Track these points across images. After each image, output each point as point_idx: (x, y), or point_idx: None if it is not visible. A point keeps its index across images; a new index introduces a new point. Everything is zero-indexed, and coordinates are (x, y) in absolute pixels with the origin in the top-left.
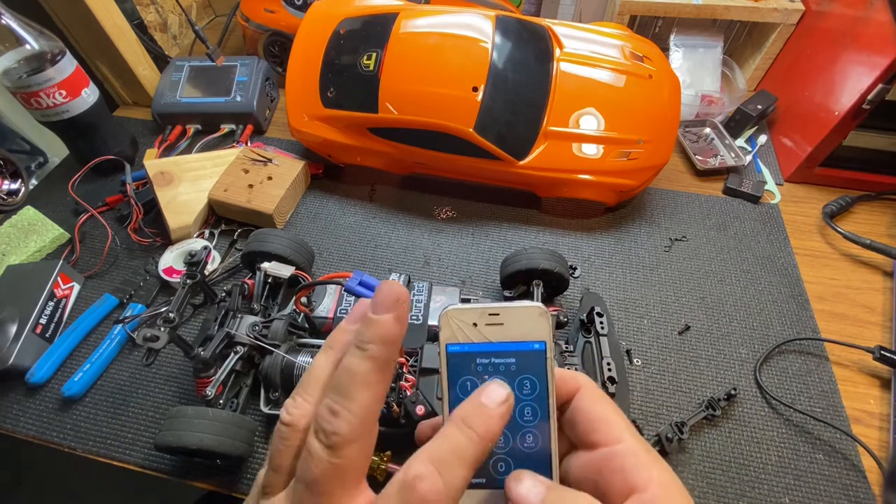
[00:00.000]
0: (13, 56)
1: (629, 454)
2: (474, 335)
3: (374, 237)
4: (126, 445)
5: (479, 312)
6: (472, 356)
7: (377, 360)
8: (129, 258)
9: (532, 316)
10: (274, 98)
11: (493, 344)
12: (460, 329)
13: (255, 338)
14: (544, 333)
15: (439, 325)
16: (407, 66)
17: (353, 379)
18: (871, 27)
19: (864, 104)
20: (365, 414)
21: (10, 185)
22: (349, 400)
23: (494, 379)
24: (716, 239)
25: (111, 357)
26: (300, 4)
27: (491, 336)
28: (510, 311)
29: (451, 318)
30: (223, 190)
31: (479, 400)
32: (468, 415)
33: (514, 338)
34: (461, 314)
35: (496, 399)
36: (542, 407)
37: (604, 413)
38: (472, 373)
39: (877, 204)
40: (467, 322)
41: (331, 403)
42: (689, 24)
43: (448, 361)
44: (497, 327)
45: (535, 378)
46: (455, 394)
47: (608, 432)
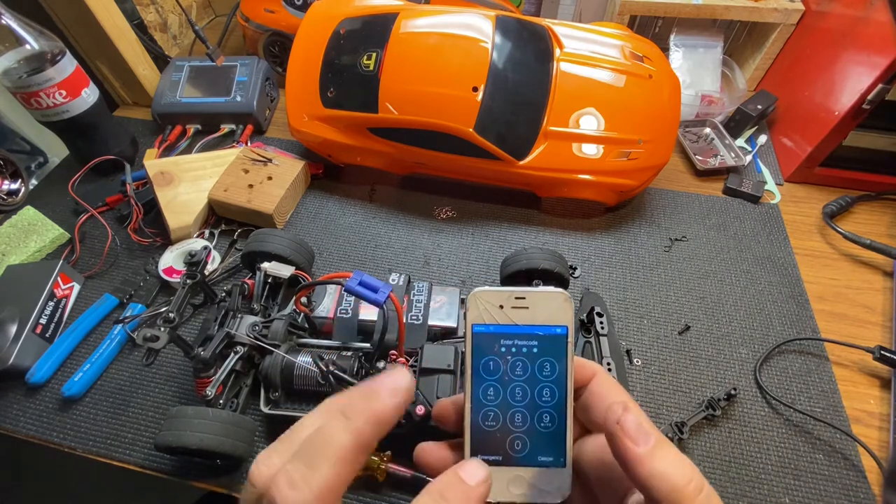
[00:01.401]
0: (13, 56)
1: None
2: (500, 317)
3: (374, 237)
4: (126, 445)
5: (507, 295)
6: (497, 337)
7: (359, 436)
8: (129, 258)
9: (556, 301)
10: (274, 98)
11: (518, 326)
12: (487, 311)
13: (255, 338)
14: (567, 319)
15: (467, 306)
16: (407, 66)
17: (327, 448)
18: (871, 27)
19: (864, 104)
20: (326, 494)
21: (10, 185)
22: (313, 471)
23: (474, 459)
24: (716, 239)
25: (111, 357)
26: (300, 4)
27: (516, 318)
28: (536, 296)
29: (478, 300)
30: (223, 190)
31: (458, 475)
32: (446, 489)
33: (538, 321)
34: (489, 296)
35: (476, 478)
36: (560, 389)
37: (612, 399)
38: (496, 353)
39: (877, 204)
40: (494, 304)
41: (292, 471)
42: (689, 24)
43: (473, 341)
44: (522, 311)
45: (556, 361)
46: (478, 373)
47: None
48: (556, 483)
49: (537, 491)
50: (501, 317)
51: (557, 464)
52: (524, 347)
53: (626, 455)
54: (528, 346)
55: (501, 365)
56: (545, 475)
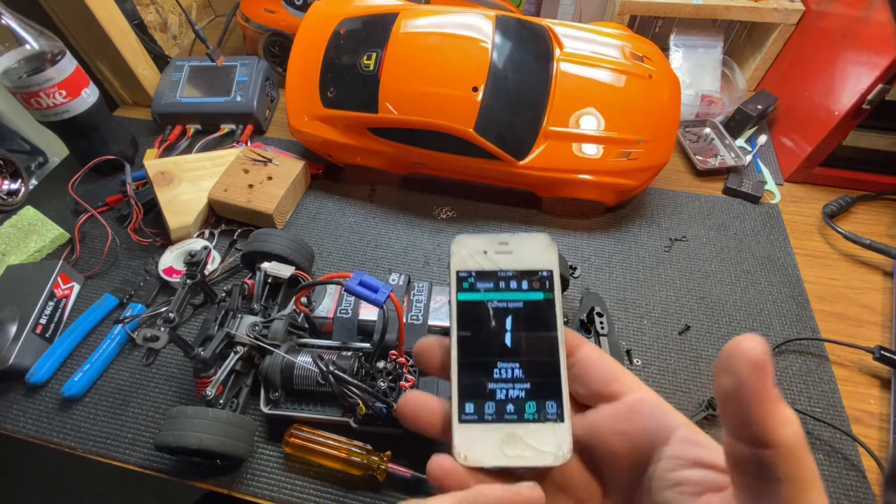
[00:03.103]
0: (13, 56)
1: (654, 398)
2: (484, 262)
3: (374, 237)
4: (126, 445)
5: (490, 241)
6: (482, 283)
7: None
8: (129, 258)
9: (540, 245)
10: (274, 98)
11: (503, 271)
12: (471, 256)
13: (255, 338)
14: (551, 261)
15: (450, 252)
16: (407, 66)
17: None
18: (871, 27)
19: (864, 104)
20: None
21: (10, 185)
22: None
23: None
24: (716, 239)
25: (111, 357)
26: (300, 4)
27: (501, 263)
28: (519, 240)
29: (462, 246)
30: (223, 190)
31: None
32: None
33: (523, 265)
34: (472, 242)
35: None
36: (550, 335)
37: (616, 365)
38: (481, 300)
39: (877, 204)
40: (478, 249)
41: None
42: (689, 24)
43: (457, 288)
44: (506, 255)
45: (543, 305)
46: (463, 321)
47: (627, 382)
48: (555, 442)
49: (534, 452)
50: (486, 262)
51: (555, 418)
52: (510, 293)
53: (765, 394)
54: (513, 291)
55: (487, 312)
56: (542, 432)
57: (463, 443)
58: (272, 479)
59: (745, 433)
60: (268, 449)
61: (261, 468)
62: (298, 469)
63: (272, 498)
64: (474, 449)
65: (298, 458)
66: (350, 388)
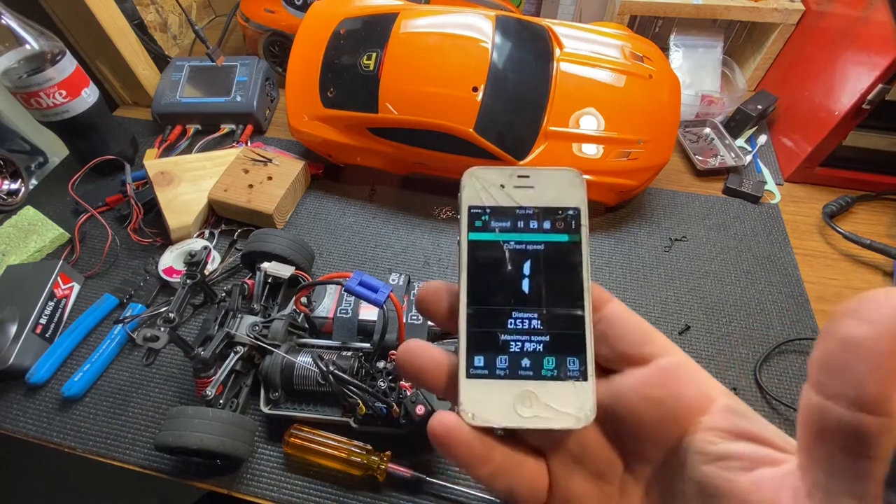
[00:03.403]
0: (13, 56)
1: (690, 364)
2: (500, 197)
3: (374, 237)
4: (126, 445)
5: (508, 174)
6: (498, 220)
7: None
8: (129, 258)
9: (566, 179)
10: (274, 98)
11: (522, 208)
12: (485, 189)
13: (255, 338)
14: (579, 199)
15: (461, 185)
16: (407, 66)
17: None
18: (871, 27)
19: (864, 104)
20: None
21: (10, 185)
22: None
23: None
24: (716, 239)
25: (111, 357)
26: (300, 4)
27: (519, 199)
28: (542, 174)
29: (476, 178)
30: (223, 190)
31: None
32: None
33: (546, 202)
34: (488, 174)
35: None
36: (575, 282)
37: (647, 325)
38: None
39: (877, 204)
40: (494, 183)
41: None
42: (689, 24)
43: (469, 226)
44: (526, 190)
45: (568, 249)
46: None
47: (660, 344)
48: (577, 402)
49: (552, 412)
50: (502, 197)
51: (577, 376)
52: (530, 233)
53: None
54: (534, 231)
55: (503, 254)
56: (562, 391)
57: (470, 400)
58: (272, 479)
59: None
60: (268, 449)
61: (261, 468)
62: (298, 469)
63: (272, 498)
64: (483, 407)
65: (298, 458)
66: (350, 388)
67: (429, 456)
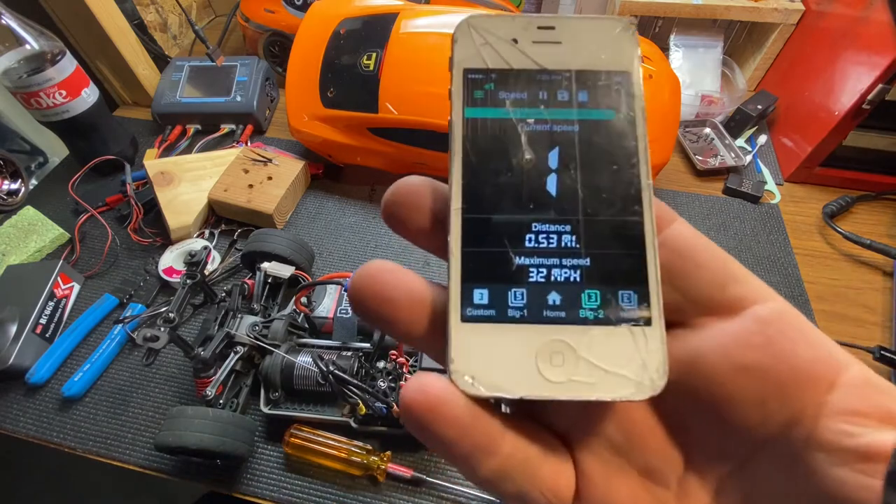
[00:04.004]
0: (13, 56)
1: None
2: (513, 57)
3: (374, 237)
4: (126, 445)
5: (523, 23)
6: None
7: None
8: (129, 258)
9: (608, 32)
10: (274, 98)
11: (545, 72)
12: (490, 47)
13: (255, 338)
14: (629, 60)
15: (454, 39)
16: (407, 66)
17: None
18: (871, 27)
19: (864, 104)
20: None
21: (10, 185)
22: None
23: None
24: (716, 239)
25: (111, 357)
26: (300, 4)
27: (541, 59)
28: (574, 24)
29: (476, 30)
30: (223, 190)
31: None
32: None
33: (580, 64)
34: (493, 23)
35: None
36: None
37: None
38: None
39: (877, 204)
40: (502, 37)
41: None
42: (689, 24)
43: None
44: (551, 47)
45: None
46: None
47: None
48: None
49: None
50: (515, 56)
51: (635, 318)
52: (558, 107)
53: None
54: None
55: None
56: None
57: (468, 356)
58: (272, 479)
59: None
60: (268, 449)
61: (261, 468)
62: (298, 469)
63: (272, 498)
64: (488, 368)
65: (298, 458)
66: (350, 388)
67: (429, 456)
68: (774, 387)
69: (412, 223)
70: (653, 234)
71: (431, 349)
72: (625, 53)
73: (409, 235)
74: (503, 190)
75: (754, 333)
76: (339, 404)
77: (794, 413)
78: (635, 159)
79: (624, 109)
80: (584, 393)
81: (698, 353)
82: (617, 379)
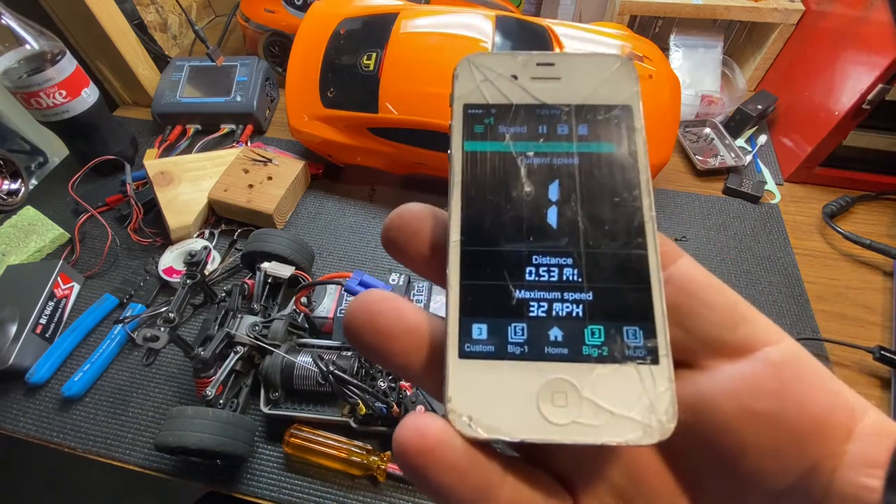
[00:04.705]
0: (13, 56)
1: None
2: (512, 92)
3: (374, 237)
4: (126, 445)
5: (522, 60)
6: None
7: None
8: (129, 258)
9: (608, 68)
10: (274, 98)
11: (545, 106)
12: (490, 83)
13: (255, 338)
14: (629, 95)
15: (454, 75)
16: (407, 66)
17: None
18: (871, 27)
19: (864, 104)
20: None
21: (10, 185)
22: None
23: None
24: (716, 239)
25: (111, 357)
26: (300, 4)
27: (540, 94)
28: (573, 61)
29: (474, 66)
30: (223, 190)
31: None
32: None
33: (580, 99)
34: (493, 60)
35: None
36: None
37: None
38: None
39: (877, 204)
40: (502, 73)
41: None
42: (689, 24)
43: (466, 133)
44: (550, 83)
45: (616, 166)
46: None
47: (763, 325)
48: (644, 400)
49: (603, 417)
50: (515, 92)
51: (642, 356)
52: (557, 141)
53: None
54: (563, 139)
55: (517, 170)
56: (617, 382)
57: (466, 395)
58: (272, 479)
59: None
60: (268, 449)
61: (261, 468)
62: (298, 469)
63: (272, 498)
64: (487, 408)
65: (298, 458)
66: (350, 388)
67: None
68: (791, 435)
69: (412, 250)
70: (657, 268)
71: (429, 385)
72: (624, 88)
73: (408, 262)
74: (503, 222)
75: (767, 378)
76: (339, 404)
77: (812, 463)
78: (637, 191)
79: (625, 143)
80: (588, 437)
81: (707, 397)
82: (623, 421)
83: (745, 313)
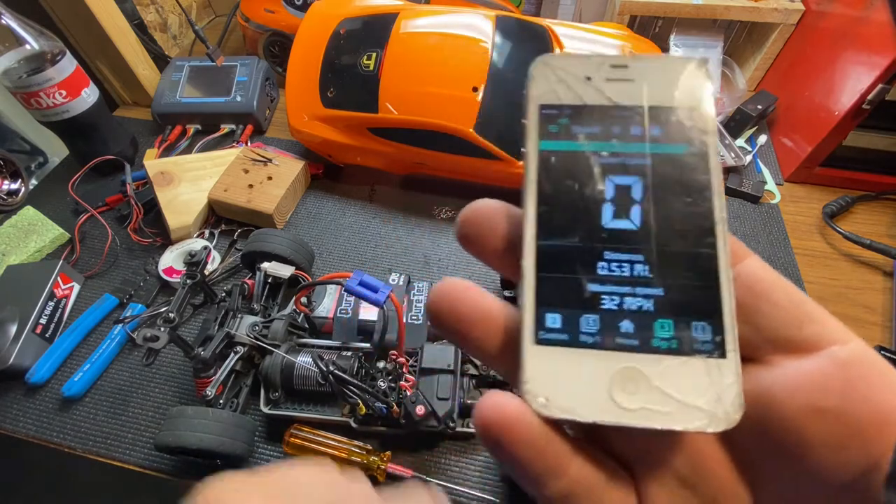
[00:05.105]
0: (13, 56)
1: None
2: (587, 93)
3: (374, 237)
4: (126, 445)
5: (597, 62)
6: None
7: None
8: (129, 258)
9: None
10: (274, 98)
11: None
12: (565, 84)
13: (255, 338)
14: (701, 97)
15: (529, 76)
16: (407, 66)
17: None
18: (871, 27)
19: (864, 104)
20: None
21: (10, 185)
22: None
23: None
24: None
25: (111, 357)
26: (300, 4)
27: (614, 95)
28: (647, 63)
29: (549, 67)
30: (223, 190)
31: None
32: None
33: (654, 100)
34: (567, 62)
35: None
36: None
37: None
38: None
39: (877, 204)
40: (576, 74)
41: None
42: (689, 24)
43: (542, 131)
44: (624, 84)
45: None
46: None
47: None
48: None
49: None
50: (589, 93)
51: (709, 349)
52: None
53: None
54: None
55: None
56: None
57: (542, 378)
58: None
59: None
60: (268, 449)
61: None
62: None
63: None
64: (561, 391)
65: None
66: (350, 388)
67: (429, 456)
68: (854, 431)
69: (487, 245)
70: (727, 267)
71: (502, 367)
72: (696, 90)
73: (482, 256)
74: (576, 218)
75: (833, 376)
76: (339, 404)
77: (874, 460)
78: (708, 192)
79: (696, 144)
80: (657, 422)
81: (771, 391)
82: (690, 410)
83: (812, 313)
